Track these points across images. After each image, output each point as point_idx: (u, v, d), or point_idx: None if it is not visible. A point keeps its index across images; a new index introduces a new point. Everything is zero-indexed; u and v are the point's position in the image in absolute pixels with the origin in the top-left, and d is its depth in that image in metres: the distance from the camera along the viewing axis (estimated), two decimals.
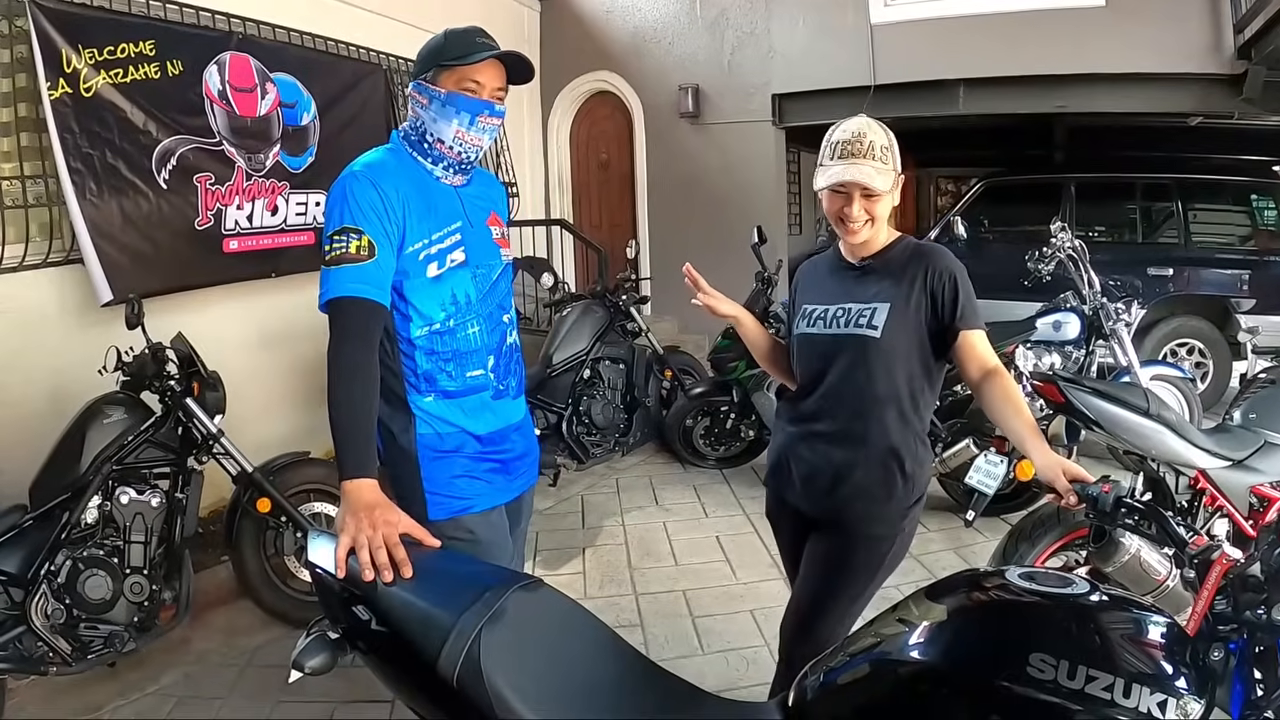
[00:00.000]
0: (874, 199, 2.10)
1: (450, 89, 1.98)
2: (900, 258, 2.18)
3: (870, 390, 2.11)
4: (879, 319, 2.09)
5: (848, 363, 2.12)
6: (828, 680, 1.44)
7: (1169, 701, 1.19)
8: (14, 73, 4.03)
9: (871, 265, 2.20)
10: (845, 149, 2.10)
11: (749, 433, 5.65)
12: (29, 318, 4.09)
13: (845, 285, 2.22)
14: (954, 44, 7.10)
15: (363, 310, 1.87)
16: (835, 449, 2.16)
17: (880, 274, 2.17)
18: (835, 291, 2.23)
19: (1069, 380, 3.28)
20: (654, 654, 3.36)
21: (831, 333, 2.17)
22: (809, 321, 2.24)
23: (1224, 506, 3.00)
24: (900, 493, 2.15)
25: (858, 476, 2.13)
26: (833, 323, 2.17)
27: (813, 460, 2.21)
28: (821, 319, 2.20)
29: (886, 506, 2.15)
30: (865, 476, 2.13)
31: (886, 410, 2.11)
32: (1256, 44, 5.79)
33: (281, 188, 5.28)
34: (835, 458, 2.16)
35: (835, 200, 2.14)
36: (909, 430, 2.15)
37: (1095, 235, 7.76)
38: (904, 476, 2.14)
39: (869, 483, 2.13)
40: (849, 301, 2.17)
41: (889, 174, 2.09)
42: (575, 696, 1.45)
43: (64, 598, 3.08)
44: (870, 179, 2.05)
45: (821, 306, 2.22)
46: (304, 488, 3.77)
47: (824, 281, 2.31)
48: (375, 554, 1.58)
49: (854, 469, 2.13)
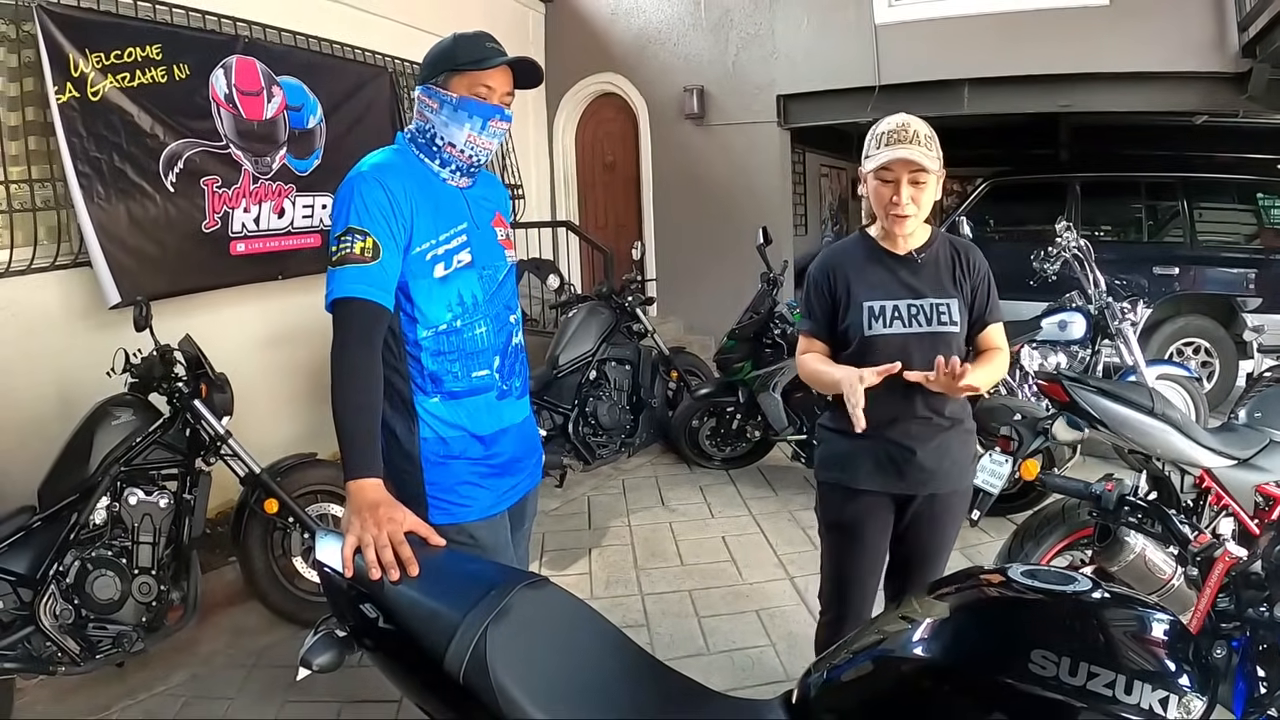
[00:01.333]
0: (921, 186, 2.19)
1: (462, 94, 1.99)
2: (944, 251, 2.33)
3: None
4: (955, 314, 2.26)
5: (930, 354, 2.16)
6: (831, 677, 1.45)
7: (1171, 698, 1.20)
8: (21, 77, 4.05)
9: (923, 258, 2.30)
10: (892, 137, 2.17)
11: (755, 433, 5.65)
12: (37, 320, 4.11)
13: (902, 278, 2.29)
14: (958, 44, 7.09)
15: (366, 311, 1.88)
16: (934, 431, 2.30)
17: (934, 266, 2.30)
18: (894, 286, 2.29)
19: (1074, 379, 3.29)
20: (660, 654, 3.37)
21: (915, 331, 2.25)
22: (884, 321, 2.27)
23: (1229, 505, 3.00)
24: (972, 447, 2.45)
25: (954, 448, 2.34)
26: (912, 321, 2.26)
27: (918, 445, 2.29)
28: (899, 318, 2.26)
29: (970, 461, 2.44)
30: (958, 446, 2.36)
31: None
32: (1260, 42, 5.77)
33: (288, 190, 5.30)
34: (937, 438, 2.31)
35: (884, 189, 2.21)
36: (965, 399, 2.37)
37: (1101, 234, 7.75)
38: (971, 432, 2.43)
39: (961, 449, 2.37)
40: (918, 297, 2.27)
41: (936, 161, 2.18)
42: (581, 693, 1.46)
43: (72, 598, 3.10)
44: (921, 157, 2.13)
45: (890, 303, 2.27)
46: (311, 489, 3.79)
47: (870, 274, 2.32)
48: (381, 553, 1.59)
49: (951, 442, 2.33)
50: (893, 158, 2.14)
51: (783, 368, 5.27)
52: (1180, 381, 5.46)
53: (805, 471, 5.55)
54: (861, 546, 2.44)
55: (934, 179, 2.21)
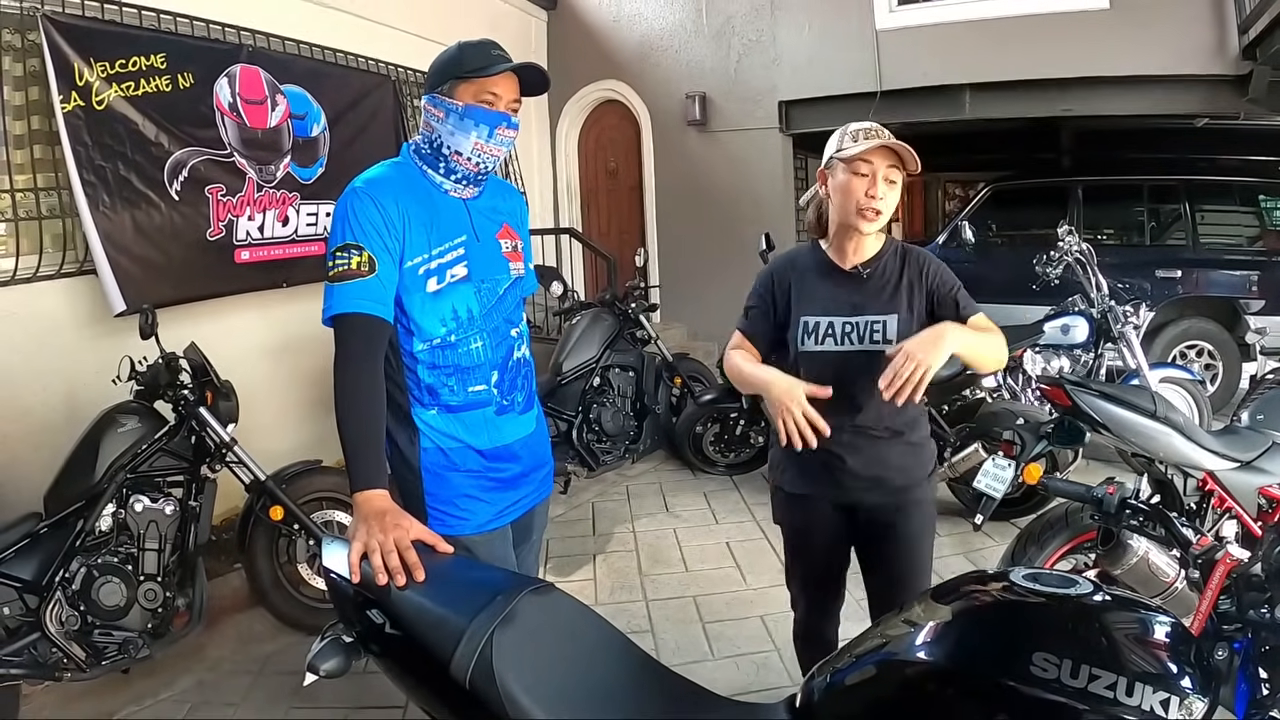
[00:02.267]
0: (893, 186, 2.15)
1: (468, 101, 1.98)
2: (892, 263, 2.24)
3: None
4: (891, 331, 2.16)
5: (864, 373, 2.13)
6: (835, 681, 1.45)
7: (1173, 700, 1.20)
8: (26, 86, 4.07)
9: (868, 273, 2.23)
10: (867, 134, 2.13)
11: (759, 439, 5.65)
12: (43, 328, 4.13)
13: (845, 295, 2.23)
14: (959, 49, 7.11)
15: (366, 325, 1.89)
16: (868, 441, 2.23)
17: (879, 281, 2.22)
18: (836, 302, 2.23)
19: (1075, 384, 3.29)
20: (665, 659, 3.37)
21: (844, 350, 2.20)
22: (816, 338, 2.22)
23: (1232, 508, 3.00)
24: (926, 460, 2.33)
25: (893, 458, 2.25)
26: (844, 339, 2.20)
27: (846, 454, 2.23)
28: (831, 335, 2.21)
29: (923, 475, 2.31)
30: (899, 455, 2.26)
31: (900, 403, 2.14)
32: (1260, 44, 5.78)
33: (292, 198, 5.32)
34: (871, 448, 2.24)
35: (857, 183, 2.13)
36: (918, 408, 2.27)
37: (1103, 238, 7.75)
38: (925, 445, 2.33)
39: (902, 459, 2.26)
40: (855, 315, 2.20)
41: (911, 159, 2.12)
42: (586, 698, 1.46)
43: (79, 604, 3.11)
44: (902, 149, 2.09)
45: (825, 320, 2.22)
46: (316, 495, 3.79)
47: (816, 287, 2.27)
48: (388, 558, 1.60)
49: (888, 452, 2.25)
50: (873, 146, 2.08)
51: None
52: (1183, 384, 5.46)
53: None
54: (808, 550, 2.44)
55: (900, 183, 2.18)
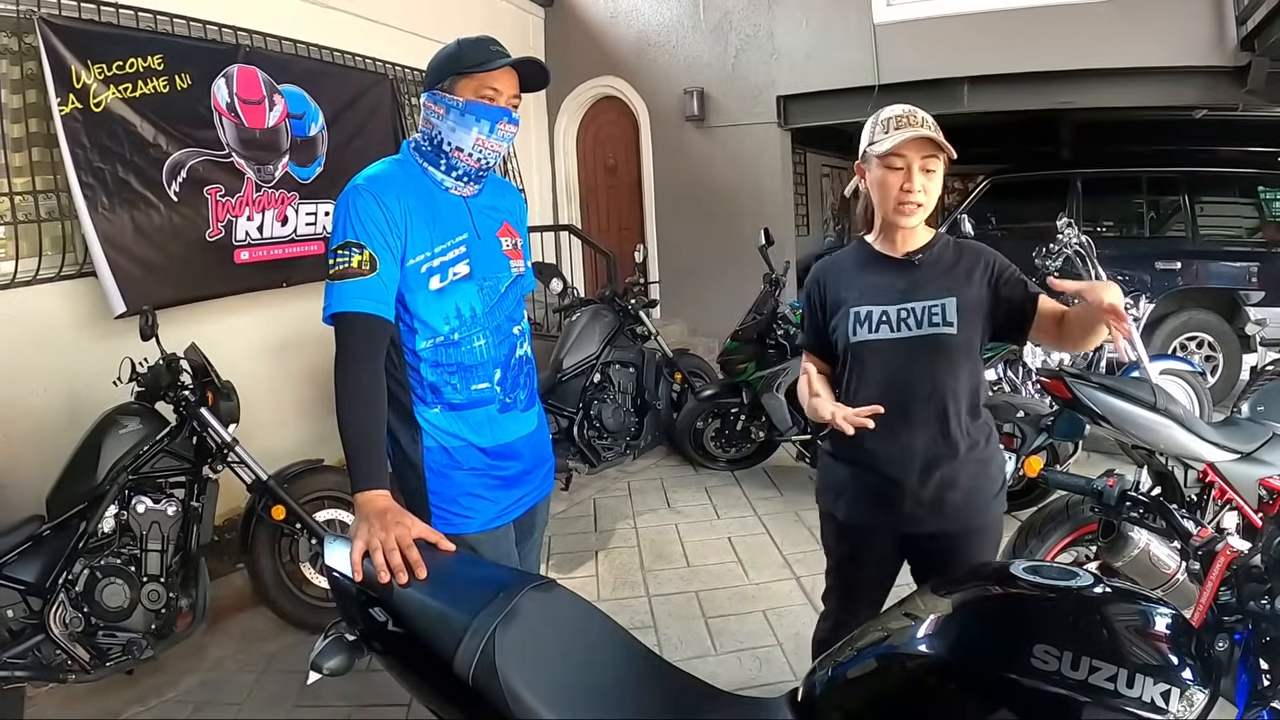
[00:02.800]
0: (931, 175, 2.03)
1: (468, 97, 1.98)
2: (946, 252, 2.13)
3: (953, 387, 2.05)
4: (951, 313, 2.03)
5: (927, 364, 2.04)
6: (836, 675, 1.46)
7: (1173, 692, 1.21)
8: (24, 89, 4.07)
9: (921, 259, 2.11)
10: (900, 122, 2.01)
11: (759, 434, 5.66)
12: (44, 331, 4.14)
13: (895, 282, 2.10)
14: (957, 42, 7.10)
15: (366, 324, 1.89)
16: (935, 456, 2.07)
17: (933, 267, 2.10)
18: (886, 290, 2.10)
19: (1075, 376, 3.29)
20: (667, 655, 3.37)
21: (903, 336, 2.05)
22: (870, 327, 2.08)
23: (1233, 499, 3.00)
24: (994, 475, 2.16)
25: (963, 479, 2.09)
26: (901, 325, 2.06)
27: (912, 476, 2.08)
28: (886, 323, 2.07)
29: (992, 494, 2.15)
30: (968, 475, 2.09)
31: (966, 401, 2.08)
32: (1259, 35, 5.77)
33: (291, 198, 5.32)
34: (938, 466, 2.07)
35: (893, 177, 2.02)
36: (983, 413, 2.15)
37: (1102, 230, 7.74)
38: (994, 459, 2.17)
39: (973, 480, 2.10)
40: (910, 300, 2.07)
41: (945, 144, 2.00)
42: (589, 694, 1.47)
43: (82, 606, 3.12)
44: (938, 136, 1.98)
45: (879, 309, 2.08)
46: (318, 495, 3.80)
47: (862, 279, 2.16)
48: (389, 556, 1.61)
49: (958, 472, 2.08)
50: (906, 138, 1.97)
51: (786, 368, 5.28)
52: (1184, 376, 5.45)
53: (810, 471, 5.56)
54: (854, 579, 2.33)
55: (942, 169, 2.04)
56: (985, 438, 2.14)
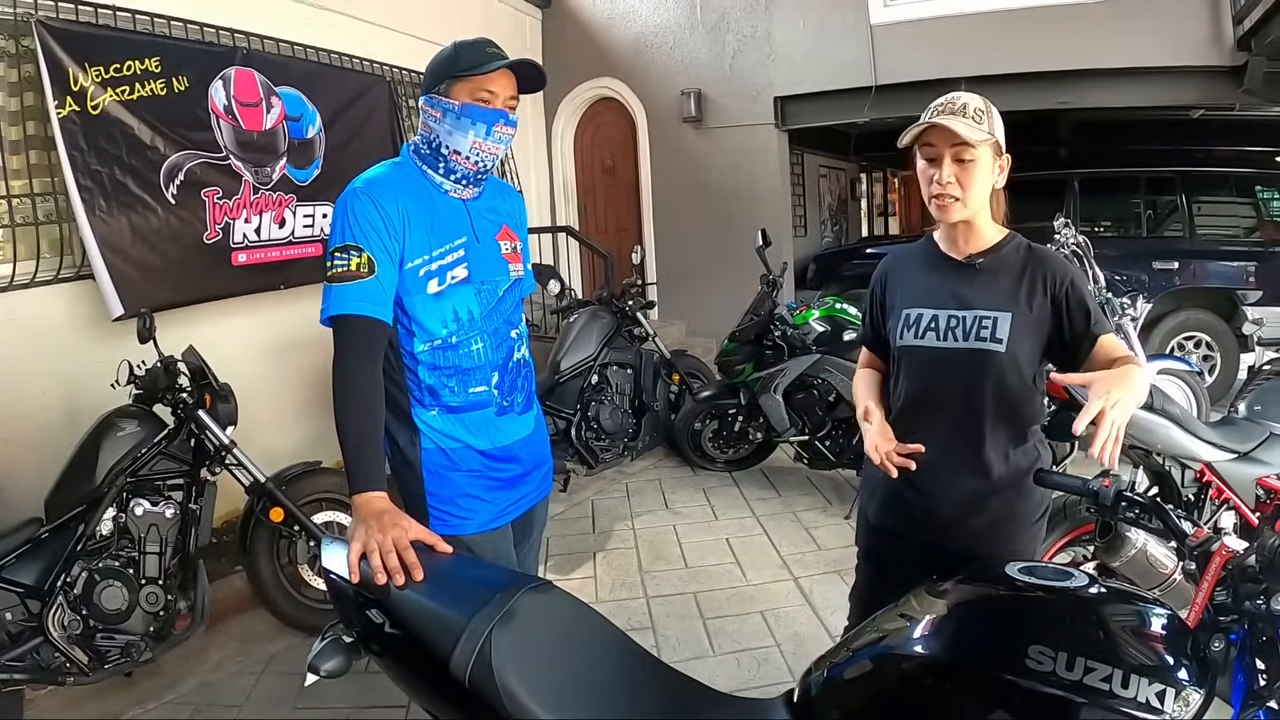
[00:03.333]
0: (967, 165, 1.88)
1: (464, 100, 1.97)
2: (1014, 258, 1.96)
3: (994, 407, 1.93)
4: (1002, 330, 1.89)
5: (968, 380, 1.93)
6: (832, 676, 1.46)
7: (1168, 692, 1.21)
8: (22, 91, 4.07)
9: (983, 264, 1.97)
10: (938, 109, 1.91)
11: (757, 435, 5.66)
12: (42, 333, 4.14)
13: (951, 286, 1.99)
14: (954, 43, 7.11)
15: (364, 327, 1.89)
16: (963, 475, 1.98)
17: (993, 274, 1.95)
18: (940, 293, 1.99)
19: None
20: (666, 656, 3.39)
21: (948, 346, 1.94)
22: (916, 332, 1.99)
23: (1230, 499, 3.00)
24: (1034, 506, 2.02)
25: (993, 504, 1.97)
26: (947, 334, 1.94)
27: (937, 491, 2.01)
28: (933, 330, 1.96)
29: (1027, 525, 2.02)
30: (1000, 502, 1.98)
31: (1010, 425, 1.96)
32: (1256, 35, 5.79)
33: (289, 200, 5.32)
34: (964, 486, 1.98)
35: (927, 170, 1.93)
36: (1032, 439, 2.01)
37: (1100, 230, 7.76)
38: (1033, 494, 2.01)
39: (1005, 508, 1.98)
40: (962, 308, 1.94)
41: (983, 133, 1.86)
42: (585, 695, 1.47)
43: (80, 609, 3.12)
44: (963, 128, 1.84)
45: (929, 313, 1.98)
46: (316, 497, 3.80)
47: (920, 278, 2.06)
48: (386, 558, 1.61)
49: (987, 497, 1.97)
50: (928, 123, 1.87)
51: (784, 369, 5.28)
52: (1181, 376, 5.46)
53: (808, 472, 5.57)
54: (876, 580, 2.24)
55: (987, 158, 1.90)
56: (1031, 465, 1.99)
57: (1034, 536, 2.03)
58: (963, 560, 1.93)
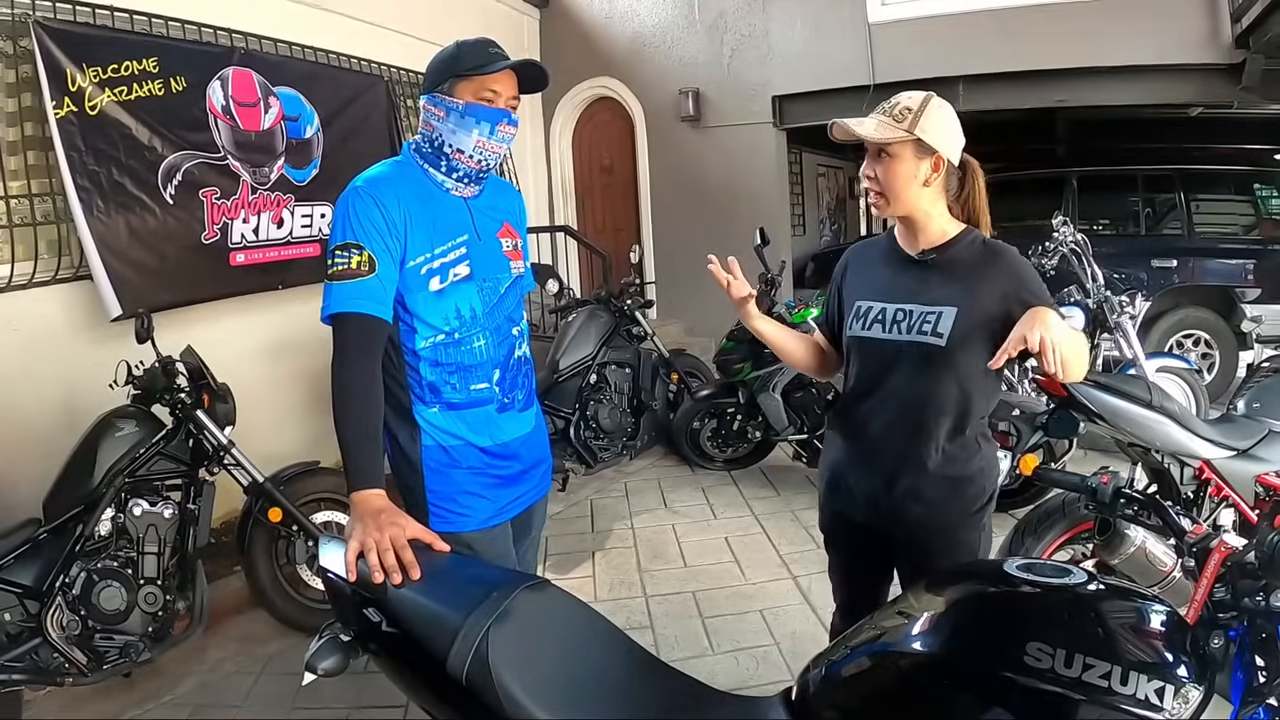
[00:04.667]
0: (885, 163, 1.94)
1: (468, 100, 1.98)
2: (968, 255, 1.98)
3: (934, 401, 1.97)
4: (944, 325, 1.91)
5: (910, 371, 1.97)
6: (830, 673, 1.46)
7: (1168, 689, 1.21)
8: (19, 92, 4.07)
9: (935, 260, 2.00)
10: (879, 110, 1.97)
11: (756, 434, 5.66)
12: (39, 334, 4.13)
13: (903, 281, 2.03)
14: (952, 41, 7.11)
15: (364, 325, 1.89)
16: (900, 464, 2.02)
17: (945, 271, 1.98)
18: (891, 287, 2.04)
19: None
20: (665, 655, 3.38)
21: (892, 339, 1.99)
22: (864, 323, 2.04)
23: (1229, 496, 3.00)
24: (970, 498, 2.04)
25: (929, 494, 2.01)
26: (892, 327, 1.99)
27: (876, 479, 2.07)
28: (880, 322, 2.01)
29: (964, 515, 2.04)
30: (936, 492, 2.01)
31: (949, 419, 1.98)
32: (1254, 32, 5.79)
33: (287, 200, 5.32)
34: (902, 475, 2.02)
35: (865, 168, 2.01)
36: (972, 433, 2.02)
37: (1098, 228, 7.75)
38: (972, 481, 2.03)
39: (941, 497, 2.02)
40: (910, 302, 1.98)
41: (894, 131, 1.91)
42: (582, 693, 1.47)
43: (79, 609, 3.12)
44: (856, 126, 1.92)
45: (878, 305, 2.03)
46: (314, 497, 3.79)
47: (876, 273, 2.11)
48: (384, 557, 1.61)
49: (923, 486, 2.01)
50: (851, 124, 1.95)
51: (782, 368, 5.28)
52: (1180, 374, 5.46)
53: (807, 471, 5.57)
54: (842, 564, 2.33)
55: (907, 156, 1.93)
56: (969, 458, 2.02)
57: (974, 527, 2.07)
58: (906, 547, 2.09)
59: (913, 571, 2.07)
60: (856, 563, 2.29)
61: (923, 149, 1.94)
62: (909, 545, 2.09)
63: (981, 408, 2.03)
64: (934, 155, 1.95)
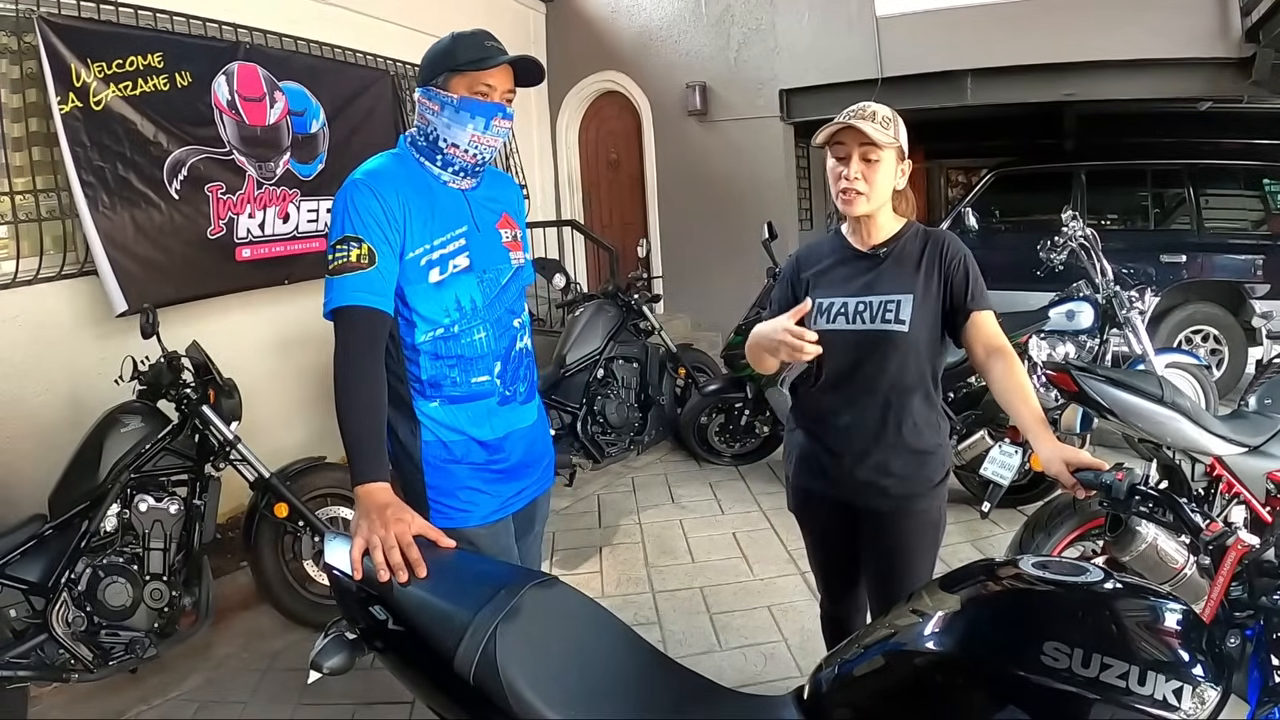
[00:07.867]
0: (873, 165, 2.10)
1: (462, 94, 1.97)
2: (912, 244, 2.19)
3: (901, 381, 2.14)
4: (905, 312, 2.10)
5: (877, 358, 2.13)
6: (843, 672, 1.44)
7: (1185, 689, 1.19)
8: (24, 88, 4.05)
9: (886, 253, 2.19)
10: (851, 114, 2.09)
11: (764, 429, 5.65)
12: (45, 330, 4.13)
13: (860, 275, 2.19)
14: (960, 34, 7.07)
15: (366, 318, 1.89)
16: (870, 441, 2.18)
17: (896, 262, 2.17)
18: (850, 283, 2.19)
19: (1082, 369, 3.27)
20: (672, 651, 3.37)
21: (856, 329, 2.14)
22: (828, 318, 2.17)
23: (1240, 493, 2.98)
24: (933, 469, 2.22)
25: (895, 465, 2.17)
26: (856, 318, 2.14)
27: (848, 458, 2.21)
28: (843, 314, 2.16)
29: (927, 485, 2.21)
30: (904, 466, 2.18)
31: (914, 397, 2.16)
32: (1264, 26, 5.74)
33: (292, 195, 5.31)
34: (873, 453, 2.18)
35: (836, 167, 2.14)
36: (933, 410, 2.21)
37: (1107, 223, 7.71)
38: (934, 454, 2.21)
39: (910, 471, 2.18)
40: (869, 294, 2.15)
41: (889, 138, 2.08)
42: (590, 691, 1.46)
43: (85, 605, 3.11)
44: (871, 130, 2.04)
45: (839, 300, 2.17)
46: (320, 492, 3.79)
47: (831, 271, 2.25)
48: (389, 554, 1.60)
49: (891, 460, 2.17)
50: (840, 125, 2.07)
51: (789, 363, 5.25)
52: (1189, 369, 5.43)
53: None
54: (818, 539, 2.47)
55: (890, 160, 2.12)
56: (935, 429, 2.22)
57: (937, 496, 2.24)
58: (874, 516, 2.23)
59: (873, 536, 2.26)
60: (829, 537, 2.41)
61: (900, 155, 2.17)
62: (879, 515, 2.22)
63: (939, 370, 2.22)
64: (905, 162, 2.20)
